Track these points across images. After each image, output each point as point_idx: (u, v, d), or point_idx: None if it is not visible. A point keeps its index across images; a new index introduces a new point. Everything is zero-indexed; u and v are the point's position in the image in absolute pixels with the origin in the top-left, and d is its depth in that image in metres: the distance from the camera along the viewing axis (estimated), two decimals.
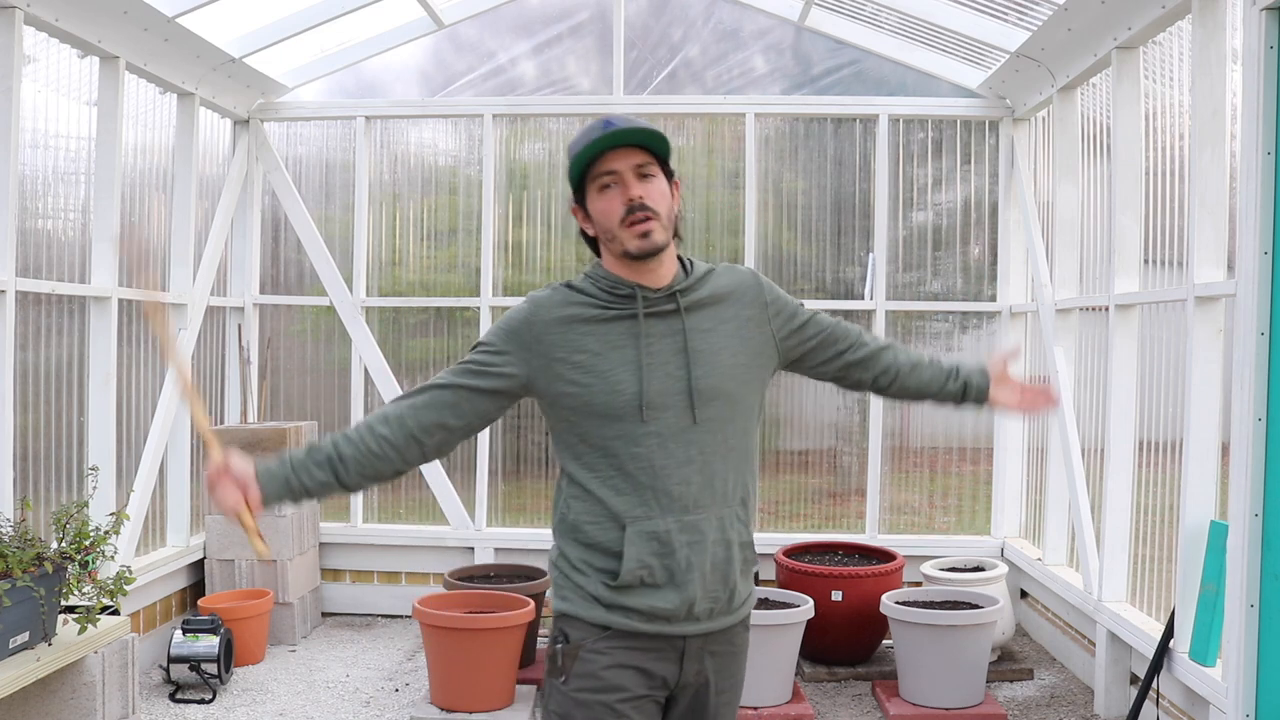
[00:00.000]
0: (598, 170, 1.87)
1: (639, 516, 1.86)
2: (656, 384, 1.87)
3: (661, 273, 1.92)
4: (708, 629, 1.91)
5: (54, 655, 3.30)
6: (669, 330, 1.90)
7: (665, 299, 1.91)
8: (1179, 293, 3.70)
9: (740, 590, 1.96)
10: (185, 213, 5.03)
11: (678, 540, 1.86)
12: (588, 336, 1.89)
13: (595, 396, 1.87)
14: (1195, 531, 3.56)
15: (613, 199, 1.86)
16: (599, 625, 1.88)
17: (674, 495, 1.86)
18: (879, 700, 4.29)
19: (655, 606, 1.86)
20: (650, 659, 1.89)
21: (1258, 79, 3.02)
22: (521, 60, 5.74)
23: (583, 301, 1.91)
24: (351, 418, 5.71)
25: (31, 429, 4.08)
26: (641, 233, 1.85)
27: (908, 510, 5.73)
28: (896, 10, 5.09)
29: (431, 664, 4.17)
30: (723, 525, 1.91)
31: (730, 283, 1.99)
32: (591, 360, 1.88)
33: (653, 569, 1.85)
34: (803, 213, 5.69)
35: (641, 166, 1.86)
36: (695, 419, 1.88)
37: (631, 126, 1.85)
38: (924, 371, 2.13)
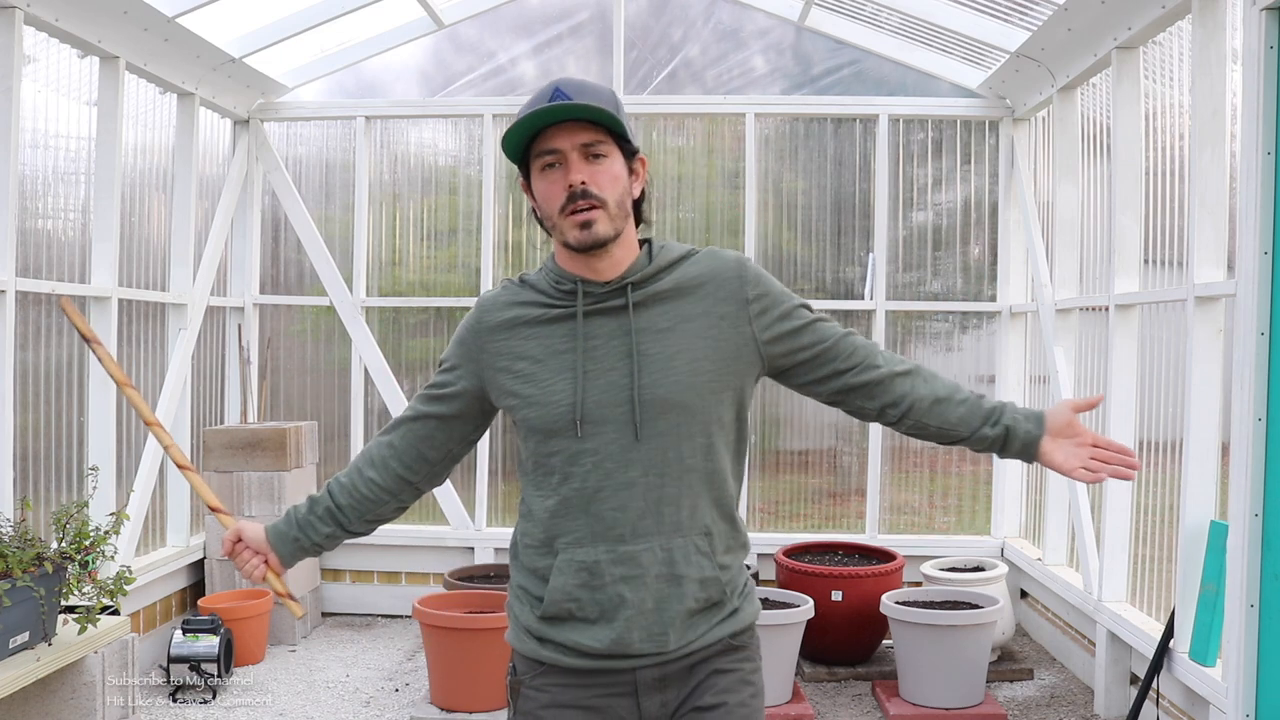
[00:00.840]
0: (540, 147, 1.63)
1: (570, 543, 1.65)
2: (595, 394, 1.63)
3: (610, 263, 1.66)
4: (656, 661, 1.65)
5: (54, 655, 3.30)
6: (616, 330, 1.65)
7: (613, 293, 1.66)
8: (1179, 293, 3.70)
9: (692, 632, 1.66)
10: (185, 213, 5.03)
11: (609, 572, 1.63)
12: (530, 341, 1.69)
13: (532, 410, 1.67)
14: (1195, 531, 3.56)
15: (554, 182, 1.63)
16: (533, 659, 1.70)
17: (608, 521, 1.63)
18: (879, 700, 4.29)
19: (581, 643, 1.64)
20: (596, 696, 1.66)
21: (1258, 79, 3.02)
22: (521, 60, 5.74)
23: (529, 300, 1.71)
24: (351, 418, 5.71)
25: (31, 429, 4.08)
26: (581, 223, 1.61)
27: (908, 510, 5.73)
28: (896, 10, 5.09)
29: (431, 664, 4.17)
30: (670, 558, 1.64)
31: (704, 271, 1.70)
32: (531, 368, 1.67)
33: (581, 602, 1.64)
34: (803, 213, 5.69)
35: (590, 145, 1.61)
36: (638, 435, 1.62)
37: (575, 101, 1.59)
38: (951, 409, 1.74)
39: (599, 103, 1.60)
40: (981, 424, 1.74)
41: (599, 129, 1.63)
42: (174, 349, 4.98)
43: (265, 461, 5.04)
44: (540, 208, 1.68)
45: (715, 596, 1.68)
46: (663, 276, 1.69)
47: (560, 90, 1.61)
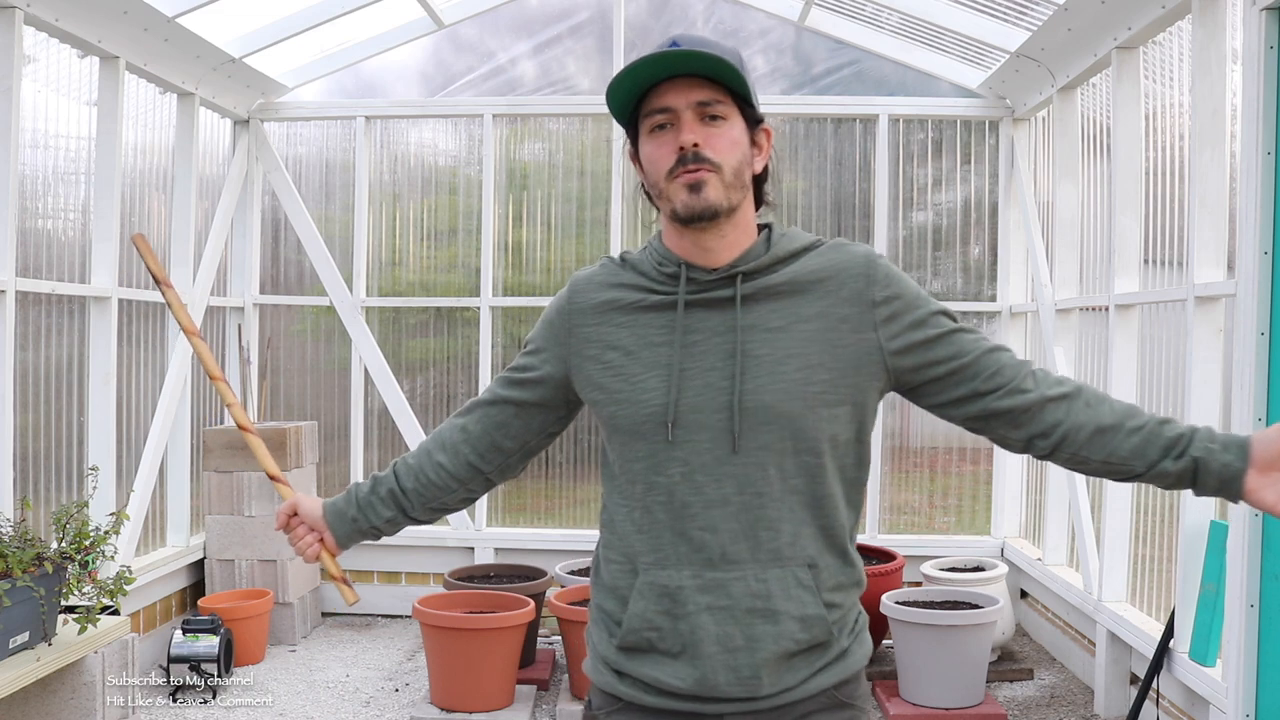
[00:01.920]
0: (650, 105, 1.43)
1: (651, 564, 1.45)
2: (690, 396, 1.43)
3: (723, 244, 1.46)
4: (749, 709, 1.43)
5: (54, 655, 3.30)
6: (720, 326, 1.45)
7: (722, 282, 1.45)
8: (1179, 293, 3.70)
9: (791, 676, 1.44)
10: (185, 213, 5.03)
11: (694, 600, 1.42)
12: (623, 329, 1.49)
13: (619, 408, 1.47)
14: (1195, 531, 3.56)
15: (665, 143, 1.43)
16: (610, 694, 1.51)
17: (695, 543, 1.43)
18: (879, 700, 4.29)
19: (662, 680, 1.44)
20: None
21: (1258, 79, 3.02)
22: (521, 60, 5.74)
23: (628, 282, 1.51)
24: (351, 418, 5.71)
25: (31, 429, 4.08)
26: (691, 184, 1.40)
27: (908, 510, 5.73)
28: (896, 10, 5.09)
29: (431, 664, 4.17)
30: (767, 590, 1.42)
31: (826, 265, 1.48)
32: (621, 360, 1.48)
33: (662, 631, 1.44)
34: (803, 213, 5.69)
35: (707, 105, 1.41)
36: (736, 446, 1.42)
37: (695, 49, 1.38)
38: (1119, 440, 1.45)
39: (721, 55, 1.39)
40: (1161, 456, 1.44)
41: (718, 87, 1.42)
42: (174, 349, 4.98)
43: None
44: (647, 175, 1.48)
45: (820, 637, 1.44)
46: (780, 268, 1.48)
47: (677, 42, 1.41)
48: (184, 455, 5.07)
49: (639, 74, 1.41)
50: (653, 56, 1.39)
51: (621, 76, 1.41)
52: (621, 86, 1.42)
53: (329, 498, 1.73)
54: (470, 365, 5.74)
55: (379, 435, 5.79)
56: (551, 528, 5.71)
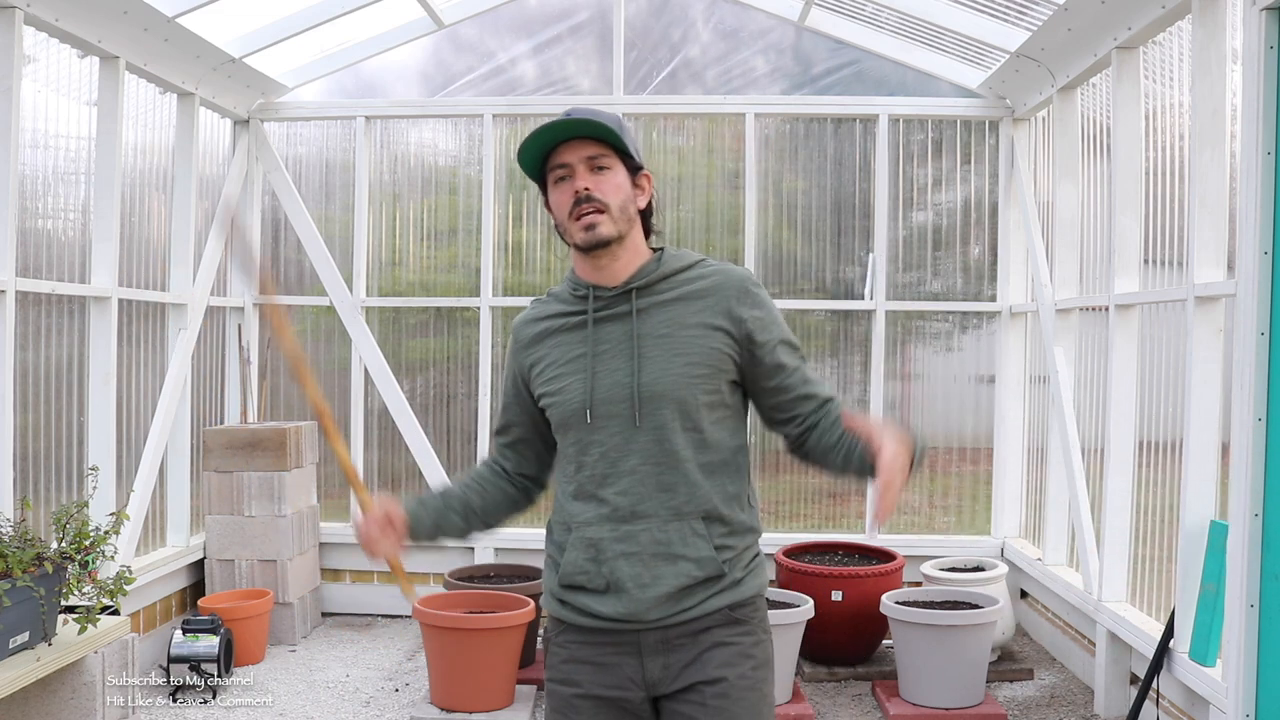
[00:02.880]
0: (552, 163, 1.85)
1: (581, 524, 1.85)
2: (602, 391, 1.84)
3: (618, 268, 1.87)
4: (659, 625, 1.82)
5: (54, 655, 3.30)
6: (622, 335, 1.85)
7: (621, 298, 1.87)
8: (1179, 293, 3.70)
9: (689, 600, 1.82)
10: (185, 213, 5.03)
11: (611, 549, 1.82)
12: (555, 349, 1.91)
13: (554, 406, 1.88)
14: (1195, 531, 3.56)
15: (564, 191, 1.84)
16: (557, 619, 1.93)
17: (612, 504, 1.82)
18: (879, 700, 4.29)
19: (593, 608, 1.84)
20: (605, 652, 1.85)
21: (1258, 79, 3.02)
22: (521, 60, 5.74)
23: (553, 313, 1.93)
24: (351, 418, 5.71)
25: (31, 429, 4.08)
26: (586, 225, 1.81)
27: (908, 510, 5.73)
28: (896, 10, 5.09)
29: (431, 664, 4.17)
30: (668, 539, 1.81)
31: (711, 283, 1.88)
32: (555, 371, 1.89)
33: (589, 574, 1.84)
34: (803, 213, 5.69)
35: (595, 158, 1.82)
36: (637, 425, 1.82)
37: (581, 118, 1.81)
38: (833, 459, 1.87)
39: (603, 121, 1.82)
40: (850, 455, 1.83)
41: (603, 144, 1.83)
42: (174, 349, 4.98)
43: (265, 461, 5.04)
44: (554, 216, 1.88)
45: (712, 573, 1.83)
46: (668, 283, 1.88)
47: (570, 112, 1.83)
48: (184, 455, 5.07)
49: (543, 136, 1.82)
50: (553, 124, 1.81)
51: (527, 141, 1.82)
52: (529, 149, 1.84)
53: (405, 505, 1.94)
54: (470, 365, 5.74)
55: (379, 435, 5.79)
56: None
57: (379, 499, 1.90)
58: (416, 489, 5.74)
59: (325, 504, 5.72)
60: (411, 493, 5.71)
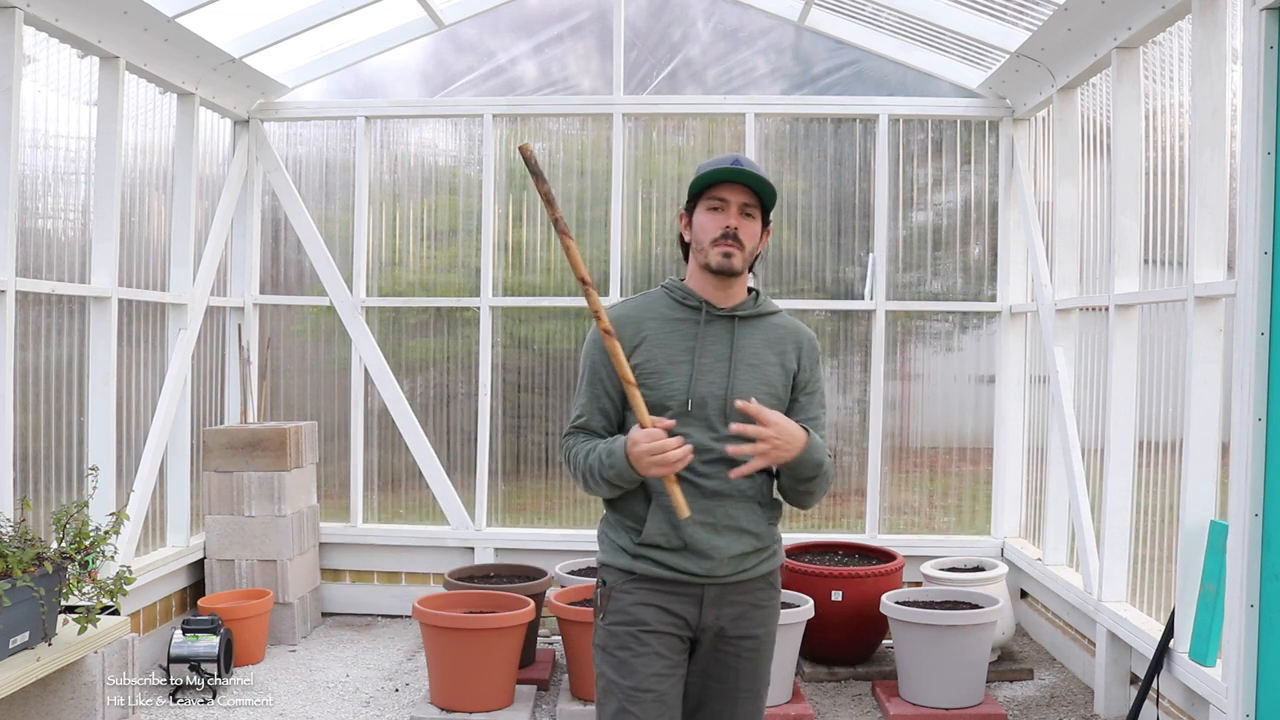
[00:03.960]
0: (714, 193, 2.22)
1: (663, 493, 2.19)
2: (702, 390, 2.22)
3: (730, 293, 2.28)
4: (724, 581, 2.23)
5: (54, 655, 3.30)
6: (722, 350, 2.26)
7: (725, 319, 2.28)
8: (1179, 293, 3.70)
9: (747, 563, 2.26)
10: (185, 213, 5.03)
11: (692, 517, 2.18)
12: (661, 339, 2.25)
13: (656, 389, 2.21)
14: (1195, 531, 3.56)
15: (716, 219, 2.22)
16: (626, 571, 2.25)
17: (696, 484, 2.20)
18: (879, 700, 4.29)
19: (671, 562, 2.21)
20: (670, 600, 2.23)
21: (1258, 79, 3.02)
22: (521, 60, 5.74)
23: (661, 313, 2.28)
24: (351, 418, 5.71)
25: (31, 429, 4.08)
26: (725, 253, 2.21)
27: (908, 510, 5.73)
28: (896, 10, 5.09)
29: (431, 664, 4.17)
30: (738, 514, 2.24)
31: (788, 334, 2.34)
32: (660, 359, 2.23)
33: (668, 536, 2.20)
34: (803, 213, 5.69)
35: (747, 205, 2.22)
36: (725, 423, 2.19)
37: (754, 172, 2.20)
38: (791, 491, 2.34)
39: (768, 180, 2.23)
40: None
41: (755, 196, 2.23)
42: (174, 349, 4.98)
43: (265, 461, 5.04)
44: (696, 234, 2.27)
45: (767, 543, 2.31)
46: (760, 320, 2.33)
47: (739, 161, 2.23)
48: (184, 455, 5.07)
49: (720, 174, 2.21)
50: (733, 170, 2.20)
51: (714, 172, 2.21)
52: (705, 178, 2.22)
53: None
54: (470, 365, 5.74)
55: (379, 435, 5.79)
56: (551, 528, 5.71)
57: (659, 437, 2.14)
58: (417, 489, 5.74)
59: (325, 504, 5.72)
60: (412, 496, 5.73)
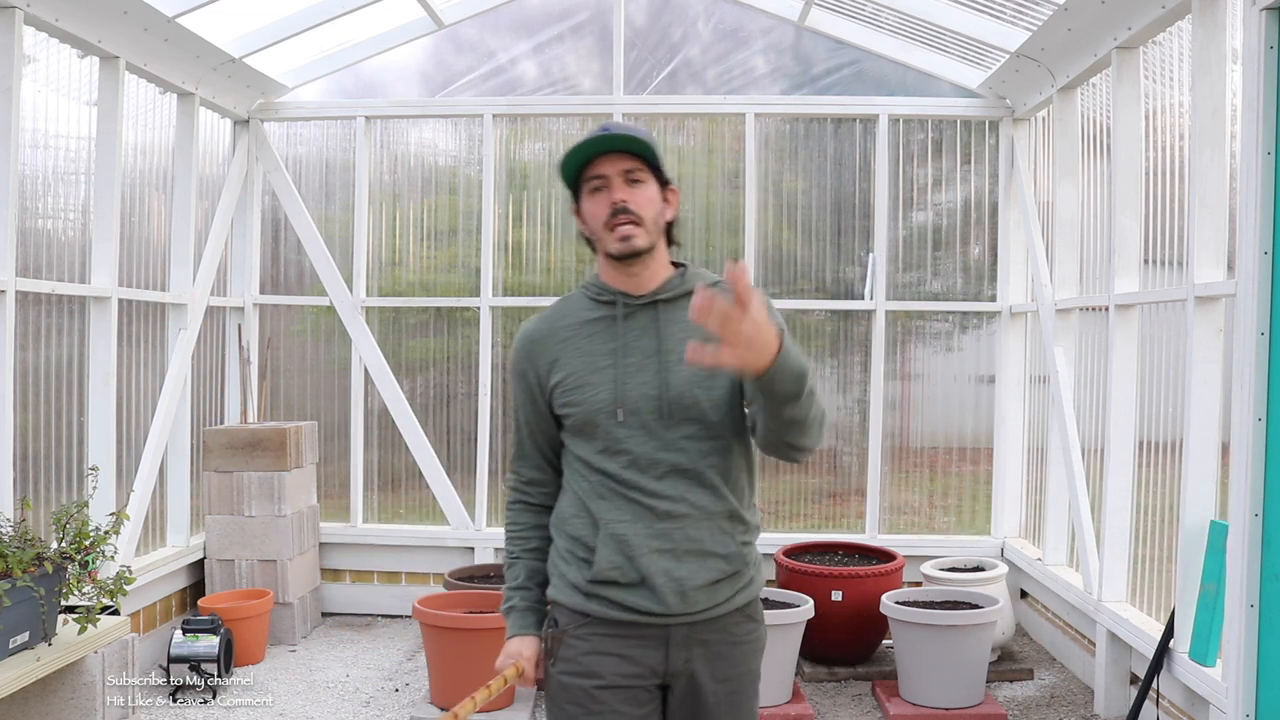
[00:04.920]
0: (589, 174, 1.92)
1: (612, 519, 1.91)
2: (631, 396, 1.90)
3: (646, 277, 1.95)
4: (692, 619, 1.91)
5: (54, 655, 3.30)
6: (648, 344, 1.93)
7: (645, 308, 1.96)
8: (1179, 293, 3.70)
9: (719, 595, 1.93)
10: (185, 213, 5.03)
11: (645, 545, 1.88)
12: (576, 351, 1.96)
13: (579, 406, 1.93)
14: (1195, 531, 3.56)
15: (600, 202, 1.91)
16: (579, 612, 1.94)
17: (644, 504, 1.90)
18: (879, 700, 4.29)
19: (627, 601, 1.90)
20: (631, 645, 1.91)
21: (1258, 79, 3.02)
22: (522, 60, 5.74)
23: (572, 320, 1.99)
24: (351, 418, 5.71)
25: (31, 429, 4.08)
26: (622, 235, 1.89)
27: (908, 510, 5.73)
28: (896, 10, 5.09)
29: (431, 664, 4.17)
30: (699, 536, 1.90)
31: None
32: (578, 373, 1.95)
33: (623, 569, 1.89)
34: (803, 213, 5.69)
35: (630, 172, 1.90)
36: (665, 430, 1.90)
37: (621, 133, 1.89)
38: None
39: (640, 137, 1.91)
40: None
41: (638, 159, 1.91)
42: (174, 349, 4.98)
43: (265, 461, 5.04)
44: (588, 224, 1.95)
45: (738, 568, 1.94)
46: (690, 299, 1.82)
47: (607, 128, 1.92)
48: (184, 455, 5.07)
49: (588, 149, 1.90)
50: (598, 137, 1.89)
51: (573, 152, 1.90)
52: (572, 159, 1.91)
53: (523, 624, 2.03)
54: (470, 365, 5.74)
55: (379, 435, 5.79)
56: None
57: (517, 662, 1.99)
58: (417, 489, 5.74)
59: (325, 504, 5.72)
60: (412, 496, 5.73)
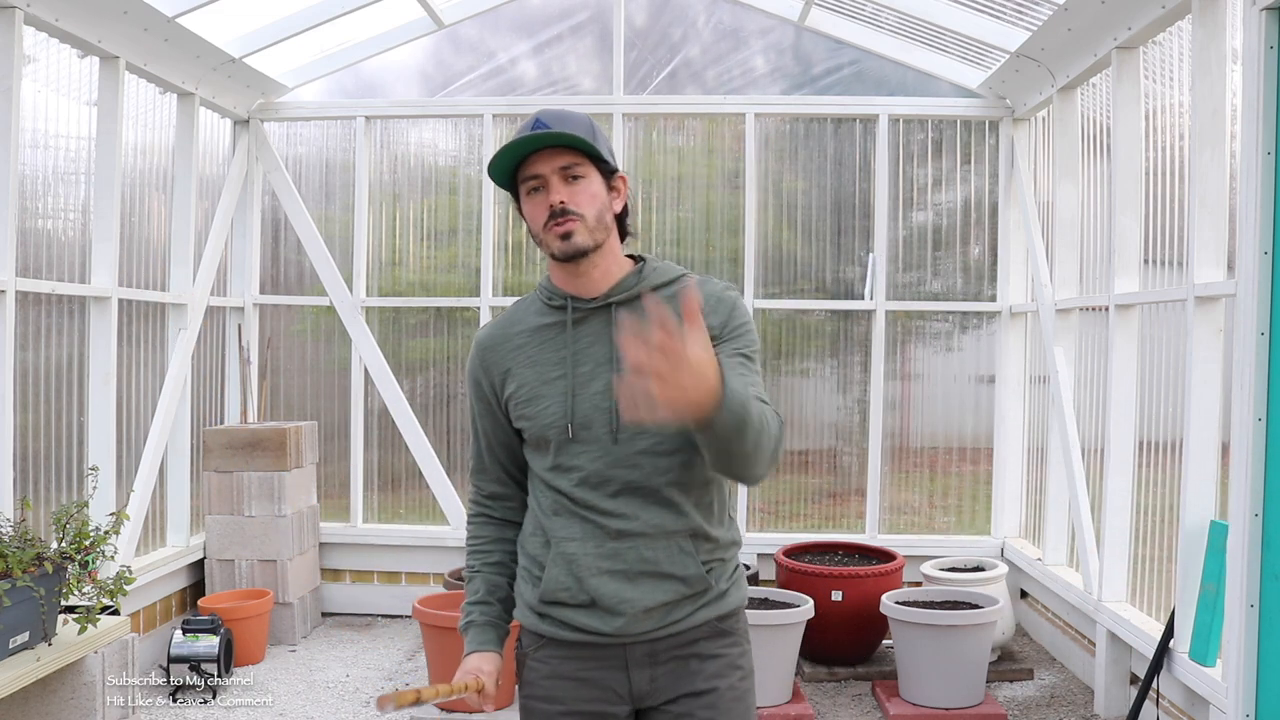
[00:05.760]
0: (524, 173, 1.76)
1: (563, 538, 1.79)
2: (584, 409, 1.75)
3: (596, 276, 1.78)
4: (647, 638, 1.77)
5: (54, 655, 3.30)
6: (602, 351, 1.77)
7: (599, 311, 1.79)
8: (1179, 293, 3.70)
9: (679, 612, 1.77)
10: (185, 213, 5.03)
11: (595, 565, 1.76)
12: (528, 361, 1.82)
13: (531, 420, 1.80)
14: (1195, 531, 3.56)
15: (538, 203, 1.75)
16: (534, 633, 1.88)
17: (596, 522, 1.76)
18: (879, 700, 4.29)
19: (578, 622, 1.79)
20: (589, 667, 1.80)
21: (1258, 79, 3.02)
22: (521, 60, 5.74)
23: (525, 326, 1.85)
24: (351, 418, 5.71)
25: (31, 429, 4.08)
26: (562, 234, 1.73)
27: (908, 510, 5.73)
28: (896, 10, 5.09)
29: (431, 664, 4.17)
30: (655, 557, 1.75)
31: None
32: (530, 385, 1.81)
33: (571, 590, 1.78)
34: (803, 213, 5.69)
35: (568, 168, 1.73)
36: (618, 443, 1.74)
37: (545, 130, 1.72)
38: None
39: (574, 130, 1.73)
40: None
41: (576, 153, 1.74)
42: (174, 349, 4.98)
43: (265, 461, 5.04)
44: (529, 227, 1.80)
45: (700, 589, 1.78)
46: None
47: (540, 120, 1.74)
48: (184, 455, 5.07)
49: (514, 150, 1.73)
50: (524, 138, 1.71)
51: (500, 154, 1.72)
52: (500, 162, 1.74)
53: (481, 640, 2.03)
54: None
55: (379, 435, 5.79)
56: None
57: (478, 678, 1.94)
58: (417, 489, 5.74)
59: (325, 504, 5.72)
60: (412, 496, 5.73)
